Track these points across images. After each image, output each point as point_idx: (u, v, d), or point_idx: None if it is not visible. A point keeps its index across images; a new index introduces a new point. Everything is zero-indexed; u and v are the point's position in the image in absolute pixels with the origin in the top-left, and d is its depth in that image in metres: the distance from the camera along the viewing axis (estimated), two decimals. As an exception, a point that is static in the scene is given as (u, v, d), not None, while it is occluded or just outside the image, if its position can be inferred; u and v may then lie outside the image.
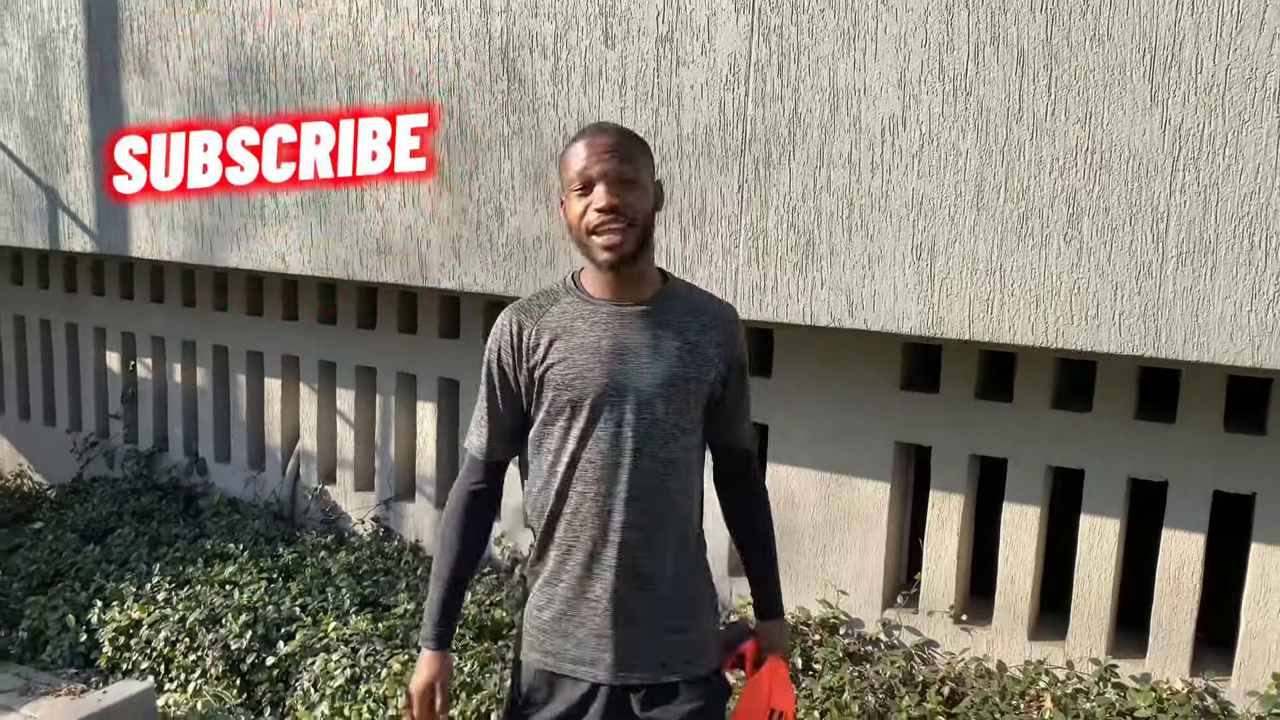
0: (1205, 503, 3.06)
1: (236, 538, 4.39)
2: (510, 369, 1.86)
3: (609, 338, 1.81)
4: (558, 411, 1.83)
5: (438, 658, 1.91)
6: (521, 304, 1.89)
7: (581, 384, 1.80)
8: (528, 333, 1.84)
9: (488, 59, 3.49)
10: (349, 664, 3.30)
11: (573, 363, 1.81)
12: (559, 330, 1.83)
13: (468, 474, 1.96)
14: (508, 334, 1.86)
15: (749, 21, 3.02)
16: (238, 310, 4.87)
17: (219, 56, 4.10)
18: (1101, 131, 2.61)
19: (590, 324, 1.82)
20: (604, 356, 1.80)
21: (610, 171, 1.75)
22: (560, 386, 1.82)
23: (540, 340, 1.83)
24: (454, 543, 1.92)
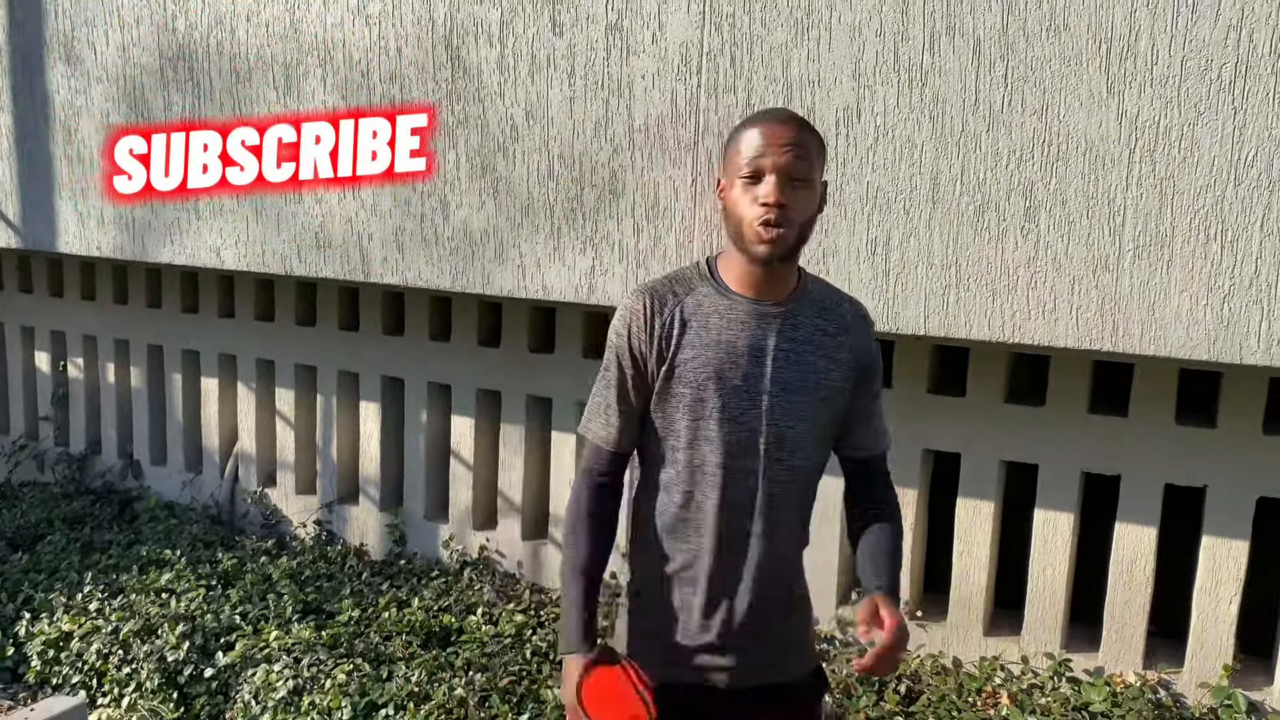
0: (1157, 496, 3.07)
1: (173, 543, 4.24)
2: (641, 355, 1.75)
3: (746, 337, 1.72)
4: (685, 408, 1.74)
5: (586, 661, 1.73)
6: (654, 285, 1.78)
7: (715, 383, 1.72)
8: (663, 318, 1.74)
9: (430, 46, 3.37)
10: (291, 675, 3.18)
11: (707, 360, 1.72)
12: (693, 320, 1.74)
13: (593, 465, 1.82)
14: (641, 316, 1.75)
15: (701, 9, 2.95)
16: (172, 308, 4.71)
17: (149, 44, 3.93)
18: (1058, 123, 2.58)
19: (727, 320, 1.73)
20: (739, 357, 1.72)
21: (784, 167, 1.64)
22: (691, 382, 1.73)
23: (674, 328, 1.74)
24: (587, 539, 1.79)
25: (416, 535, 4.20)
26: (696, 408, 1.73)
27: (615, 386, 1.78)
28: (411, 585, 3.87)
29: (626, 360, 1.76)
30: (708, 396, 1.72)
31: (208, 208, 3.89)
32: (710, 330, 1.72)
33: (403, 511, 4.24)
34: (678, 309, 1.74)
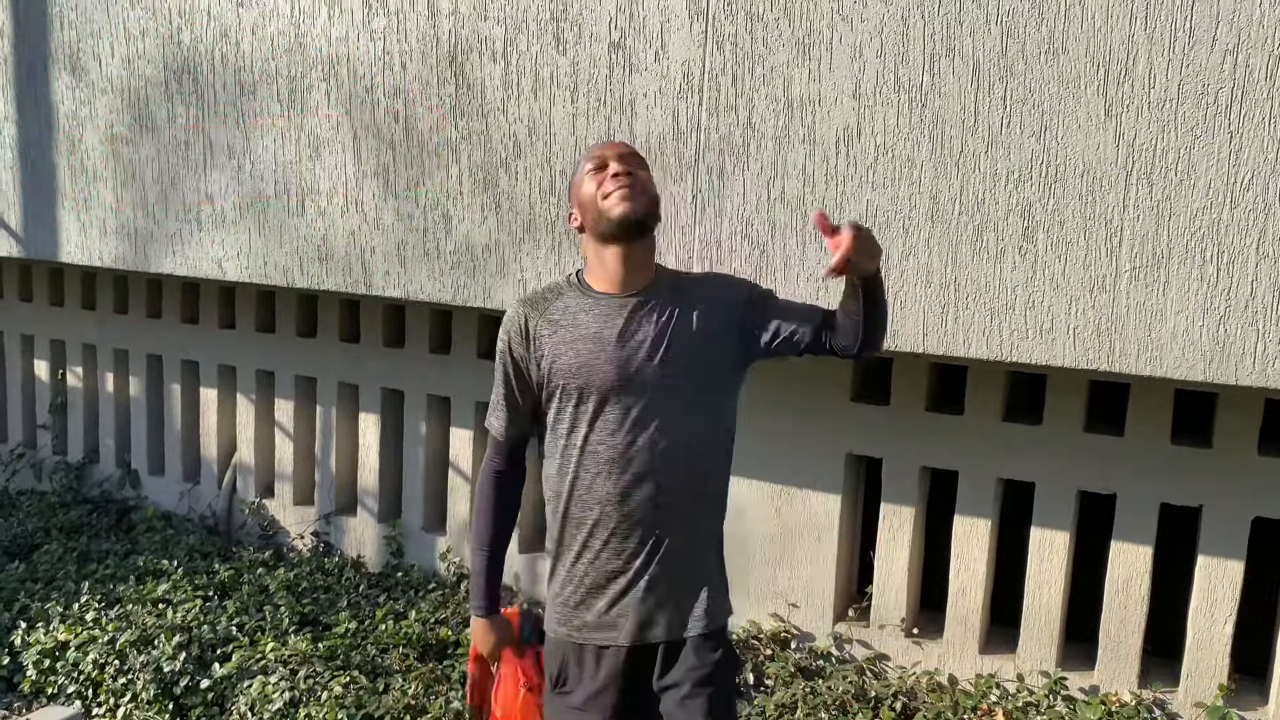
0: (1153, 515, 3.08)
1: (170, 554, 4.24)
2: (521, 358, 2.00)
3: (610, 327, 1.93)
4: (566, 398, 1.96)
5: (493, 622, 2.13)
6: (527, 297, 2.04)
7: (587, 372, 1.92)
8: (533, 324, 1.99)
9: (435, 62, 3.40)
10: (288, 686, 3.18)
11: (578, 352, 1.93)
12: (562, 321, 1.97)
13: (492, 454, 2.12)
14: (516, 325, 2.01)
15: (703, 29, 2.98)
16: (172, 318, 4.72)
17: (154, 56, 3.96)
18: (1056, 145, 2.61)
19: (592, 315, 1.95)
20: (607, 345, 1.92)
21: (623, 155, 1.95)
22: (568, 375, 1.94)
23: (544, 331, 1.97)
24: (488, 517, 2.11)
25: (414, 547, 4.20)
26: (576, 396, 1.94)
27: (502, 386, 2.05)
28: (409, 597, 3.87)
29: (509, 365, 2.02)
30: (584, 385, 1.93)
31: (210, 219, 3.91)
32: (578, 326, 1.95)
33: (401, 523, 4.24)
34: (547, 314, 1.98)
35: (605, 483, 1.94)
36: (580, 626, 2.02)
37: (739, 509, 3.52)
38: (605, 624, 2.00)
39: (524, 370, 2.01)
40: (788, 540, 3.49)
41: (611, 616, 1.99)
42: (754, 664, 3.38)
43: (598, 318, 1.95)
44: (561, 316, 1.97)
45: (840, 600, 3.51)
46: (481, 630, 2.14)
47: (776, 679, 3.31)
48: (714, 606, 2.02)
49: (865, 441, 3.38)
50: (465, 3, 3.32)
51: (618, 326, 1.94)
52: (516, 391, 2.03)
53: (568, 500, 1.99)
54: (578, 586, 2.02)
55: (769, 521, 3.51)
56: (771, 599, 3.54)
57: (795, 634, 3.52)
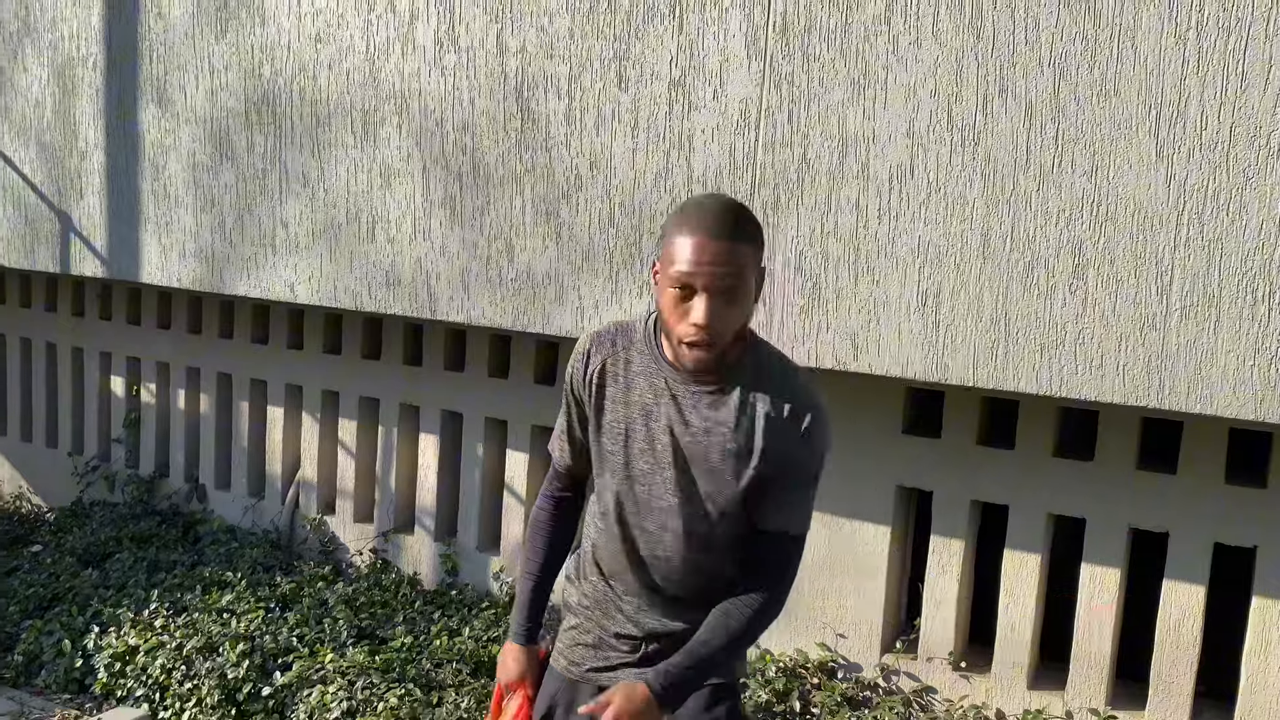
0: (1206, 555, 3.07)
1: (235, 566, 4.38)
2: (578, 395, 1.92)
3: (662, 406, 1.80)
4: (602, 455, 1.90)
5: (524, 652, 2.04)
6: (601, 332, 1.91)
7: (626, 441, 1.84)
8: (592, 369, 1.88)
9: (502, 98, 3.54)
10: (345, 696, 3.28)
11: (621, 416, 1.84)
12: (622, 375, 1.85)
13: (551, 480, 2.06)
14: (582, 361, 1.90)
15: (760, 68, 3.07)
16: (243, 338, 4.90)
17: (236, 88, 4.16)
18: (1108, 184, 2.65)
19: (649, 384, 1.82)
20: (651, 422, 1.81)
21: (714, 286, 1.65)
22: (608, 433, 1.87)
23: (605, 379, 1.87)
24: (539, 543, 2.03)
25: (469, 566, 4.30)
26: (609, 459, 1.87)
27: (564, 416, 1.98)
28: (462, 615, 3.96)
29: (570, 396, 1.94)
30: (618, 451, 1.85)
31: (284, 244, 4.08)
32: (634, 390, 1.83)
33: (456, 543, 4.34)
34: (609, 361, 1.86)
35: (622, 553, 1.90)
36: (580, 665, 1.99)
37: (788, 537, 3.56)
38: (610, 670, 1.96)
39: (582, 407, 1.92)
40: (837, 570, 3.53)
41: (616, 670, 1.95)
42: (800, 693, 3.41)
43: (653, 388, 1.81)
44: (624, 370, 1.85)
45: (888, 631, 3.53)
46: (507, 654, 2.06)
47: (823, 708, 3.34)
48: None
49: (916, 474, 3.41)
50: (532, 41, 3.46)
51: (668, 406, 1.80)
52: (577, 424, 1.95)
53: (590, 548, 1.99)
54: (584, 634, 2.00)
55: (818, 551, 3.54)
56: (819, 629, 3.57)
57: (842, 664, 3.55)
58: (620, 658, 1.95)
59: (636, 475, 1.84)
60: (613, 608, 1.96)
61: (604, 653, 1.96)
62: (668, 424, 1.80)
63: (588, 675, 1.97)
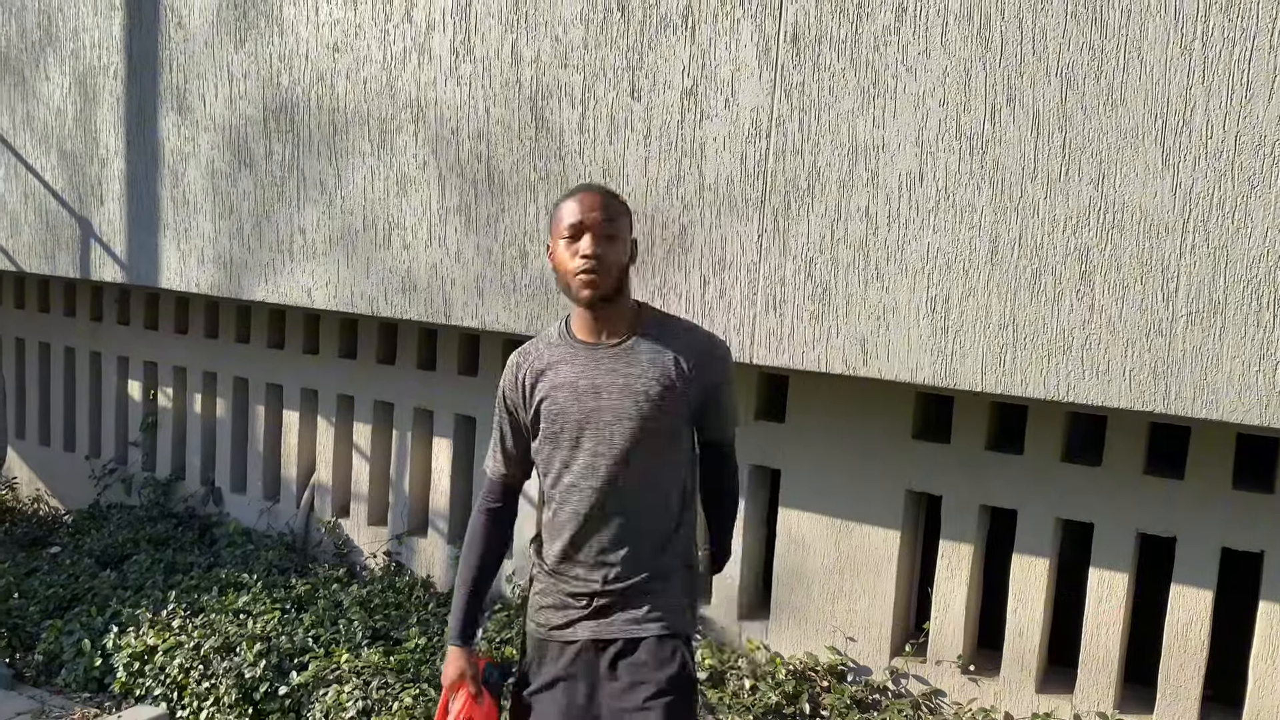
0: (1214, 559, 3.09)
1: (250, 568, 4.43)
2: (514, 404, 2.21)
3: (585, 377, 2.12)
4: (546, 439, 2.16)
5: (462, 653, 2.26)
6: (523, 347, 2.23)
7: (562, 418, 2.12)
8: (522, 373, 2.19)
9: (517, 107, 3.59)
10: (360, 696, 3.33)
11: (555, 400, 2.13)
12: (545, 370, 2.16)
13: (486, 493, 2.30)
14: (510, 374, 2.21)
15: (771, 78, 3.12)
16: (259, 343, 4.96)
17: (254, 96, 4.22)
18: (1114, 192, 2.69)
19: (570, 365, 2.14)
20: (580, 394, 2.11)
21: (597, 224, 2.05)
22: (548, 419, 2.14)
23: (530, 380, 2.17)
24: (475, 553, 2.27)
25: (481, 570, 4.34)
26: (555, 439, 2.14)
27: (497, 429, 2.26)
28: (475, 617, 4.00)
29: (503, 410, 2.23)
30: (562, 429, 2.12)
31: (301, 250, 4.14)
32: (560, 374, 2.14)
33: (469, 546, 4.38)
34: (536, 362, 2.18)
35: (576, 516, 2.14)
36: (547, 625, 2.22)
37: (799, 541, 3.60)
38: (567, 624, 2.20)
39: (516, 416, 2.21)
40: (846, 574, 3.56)
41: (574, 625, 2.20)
42: (810, 695, 3.44)
43: (574, 367, 2.13)
44: (546, 365, 2.16)
45: (897, 635, 3.56)
46: (450, 658, 2.27)
47: (832, 710, 3.37)
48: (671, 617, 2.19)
49: (925, 478, 3.44)
50: (546, 51, 3.51)
51: (593, 376, 2.11)
52: (510, 435, 2.24)
53: (548, 526, 2.22)
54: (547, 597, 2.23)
55: (828, 555, 3.58)
56: (829, 632, 3.61)
57: (852, 667, 3.58)
58: (577, 614, 2.18)
59: (584, 439, 2.10)
60: (570, 573, 2.18)
61: (563, 612, 2.19)
62: (594, 386, 2.10)
63: (551, 634, 2.21)
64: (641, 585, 2.16)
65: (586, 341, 2.14)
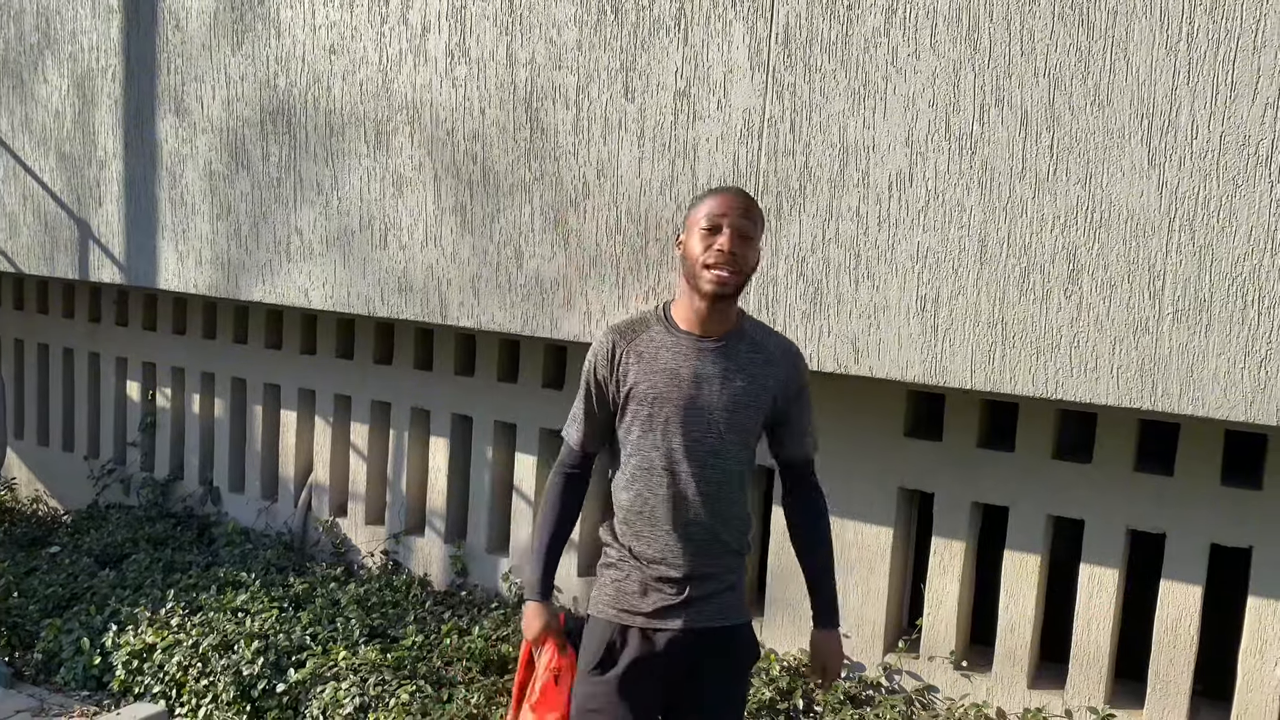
0: (1203, 555, 3.12)
1: (248, 567, 4.46)
2: (604, 380, 2.23)
3: (688, 366, 2.17)
4: (639, 422, 2.19)
5: (544, 608, 2.33)
6: (618, 326, 2.25)
7: (660, 402, 2.17)
8: (619, 351, 2.21)
9: (512, 108, 3.62)
10: (358, 693, 3.36)
11: (654, 384, 2.17)
12: (644, 353, 2.19)
13: (565, 458, 2.35)
14: (604, 347, 2.23)
15: (764, 79, 3.15)
16: (257, 343, 4.99)
17: (251, 98, 4.25)
18: (1101, 192, 2.72)
19: (673, 353, 2.18)
20: (682, 382, 2.16)
21: (738, 225, 2.12)
22: (642, 401, 2.18)
23: (629, 360, 2.20)
24: (552, 511, 2.33)
25: (478, 567, 4.37)
26: (647, 422, 2.18)
27: (583, 401, 2.29)
28: (472, 615, 4.03)
29: (592, 384, 2.25)
30: (655, 413, 2.17)
31: (298, 250, 4.17)
32: (659, 361, 2.18)
33: (466, 544, 4.42)
34: (633, 344, 2.21)
35: (663, 501, 2.19)
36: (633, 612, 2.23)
37: (792, 538, 3.63)
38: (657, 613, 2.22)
39: (605, 391, 2.24)
40: (840, 570, 3.58)
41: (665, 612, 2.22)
42: (804, 691, 3.47)
43: (677, 355, 2.18)
44: (646, 349, 2.19)
45: (891, 631, 3.59)
46: (533, 613, 2.33)
47: (826, 706, 3.39)
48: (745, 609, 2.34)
49: (918, 476, 3.47)
50: (541, 53, 3.54)
51: (695, 365, 2.17)
52: (595, 407, 2.26)
53: (629, 509, 2.23)
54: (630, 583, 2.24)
55: (821, 551, 3.60)
56: (822, 628, 3.63)
57: (846, 663, 3.61)
58: (665, 599, 2.20)
59: (673, 427, 2.15)
60: (660, 558, 2.20)
61: (650, 598, 2.21)
62: (696, 376, 2.16)
63: (636, 620, 2.21)
64: (727, 576, 2.26)
65: (690, 332, 2.19)
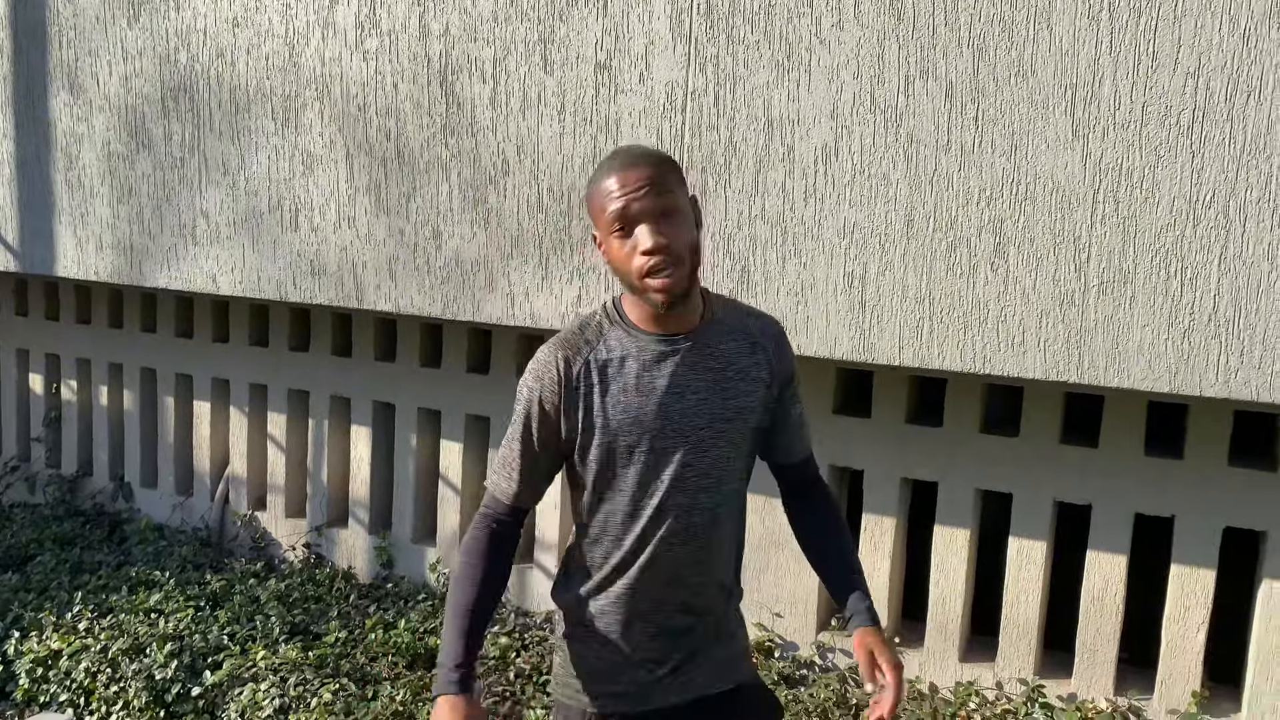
0: (1127, 525, 3.15)
1: (162, 565, 4.29)
2: (553, 413, 1.73)
3: (663, 375, 1.71)
4: (612, 454, 1.73)
5: (463, 701, 1.69)
6: (565, 338, 1.75)
7: (639, 428, 1.71)
8: (576, 370, 1.72)
9: (426, 82, 3.48)
10: (278, 694, 3.23)
11: (628, 404, 1.71)
12: (609, 366, 1.72)
13: (491, 514, 1.81)
14: (554, 371, 1.72)
15: (686, 51, 3.06)
16: (166, 332, 4.78)
17: (151, 74, 4.04)
18: (1026, 164, 2.69)
19: (641, 361, 1.72)
20: (659, 396, 1.71)
21: (650, 208, 1.62)
22: (617, 430, 1.71)
23: (592, 378, 1.71)
24: (476, 580, 1.76)
25: (404, 558, 4.26)
26: (625, 454, 1.72)
27: (520, 442, 1.76)
28: (398, 608, 3.92)
29: (536, 414, 1.73)
30: (633, 440, 1.71)
31: (205, 234, 3.98)
32: (627, 373, 1.71)
33: (391, 535, 4.30)
34: (591, 359, 1.72)
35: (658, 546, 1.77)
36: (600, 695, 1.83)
37: (723, 520, 3.58)
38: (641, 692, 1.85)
39: (555, 427, 1.74)
40: (772, 550, 3.55)
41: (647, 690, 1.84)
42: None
43: (648, 363, 1.72)
44: (608, 361, 1.72)
45: (823, 610, 3.57)
46: (447, 710, 1.69)
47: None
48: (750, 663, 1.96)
49: (847, 453, 3.45)
50: (456, 24, 3.41)
51: (671, 374, 1.72)
52: (538, 450, 1.76)
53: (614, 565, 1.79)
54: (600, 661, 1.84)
55: (753, 531, 3.56)
56: (756, 608, 3.60)
57: (780, 643, 3.58)
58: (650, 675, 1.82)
59: (668, 451, 1.72)
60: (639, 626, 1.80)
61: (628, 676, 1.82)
62: (675, 385, 1.72)
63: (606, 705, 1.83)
64: (725, 625, 1.87)
65: (652, 331, 1.73)
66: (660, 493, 1.73)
